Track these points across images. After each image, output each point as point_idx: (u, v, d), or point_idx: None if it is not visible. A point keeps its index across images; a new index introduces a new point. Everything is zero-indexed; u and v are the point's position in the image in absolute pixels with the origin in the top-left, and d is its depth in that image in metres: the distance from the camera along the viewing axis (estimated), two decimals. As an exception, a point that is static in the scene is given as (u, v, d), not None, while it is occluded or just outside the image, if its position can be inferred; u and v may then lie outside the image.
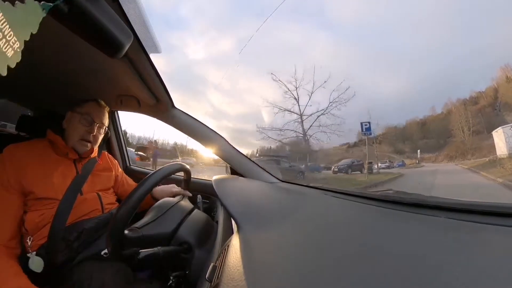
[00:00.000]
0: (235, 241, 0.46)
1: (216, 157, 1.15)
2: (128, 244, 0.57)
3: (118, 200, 1.01)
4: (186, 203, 0.89)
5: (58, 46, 0.65)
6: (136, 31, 0.56)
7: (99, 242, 0.79)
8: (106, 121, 0.97)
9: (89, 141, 0.91)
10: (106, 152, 1.09)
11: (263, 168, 1.09)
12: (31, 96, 1.10)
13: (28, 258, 0.71)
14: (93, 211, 0.86)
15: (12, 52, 0.30)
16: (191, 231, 0.73)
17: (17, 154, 0.78)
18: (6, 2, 0.29)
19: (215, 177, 0.93)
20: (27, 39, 0.32)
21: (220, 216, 0.86)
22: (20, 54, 0.31)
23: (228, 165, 1.14)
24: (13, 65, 0.31)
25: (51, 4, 0.34)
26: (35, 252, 0.73)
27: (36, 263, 0.70)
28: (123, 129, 1.55)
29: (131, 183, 1.11)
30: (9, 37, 0.30)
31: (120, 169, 1.10)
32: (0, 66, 0.29)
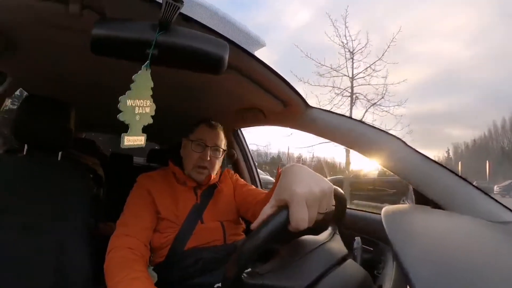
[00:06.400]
0: None
1: (389, 174, 0.99)
2: None
3: (246, 232, 1.22)
4: (337, 246, 0.85)
5: (165, 82, 0.89)
6: (228, 37, 0.67)
7: (215, 273, 1.02)
8: (222, 142, 1.21)
9: (205, 167, 1.15)
10: (228, 170, 1.34)
11: (484, 193, 0.82)
12: (155, 132, 1.47)
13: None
14: (214, 241, 1.11)
15: (149, 108, 0.57)
16: None
17: (147, 181, 1.16)
18: (127, 92, 0.53)
19: (386, 209, 0.81)
20: (152, 94, 0.57)
21: (388, 277, 0.77)
22: (153, 105, 0.58)
23: (410, 186, 0.96)
24: (153, 114, 0.58)
25: (147, 60, 0.54)
26: (152, 267, 1.05)
27: (151, 276, 0.99)
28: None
29: (258, 191, 1.26)
30: (141, 104, 0.56)
31: (240, 181, 1.32)
32: (148, 120, 0.57)
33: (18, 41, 0.91)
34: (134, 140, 0.55)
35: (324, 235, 0.86)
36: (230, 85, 0.97)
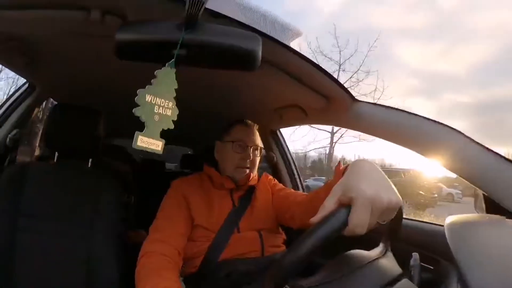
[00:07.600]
0: None
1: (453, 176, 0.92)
2: None
3: (287, 243, 1.21)
4: (389, 264, 0.81)
5: (196, 84, 0.94)
6: (261, 29, 0.66)
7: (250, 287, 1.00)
8: (260, 141, 1.25)
9: (247, 167, 1.19)
10: (266, 175, 1.35)
11: None
12: (188, 136, 1.50)
13: None
14: (251, 252, 1.11)
15: (170, 111, 0.56)
16: None
17: (182, 185, 1.20)
18: (147, 86, 0.54)
19: (450, 220, 0.76)
20: (175, 95, 0.57)
21: None
22: (176, 109, 0.57)
23: (479, 192, 0.89)
24: (175, 119, 0.57)
25: (173, 59, 0.55)
26: (182, 278, 1.05)
27: None
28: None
29: (297, 193, 1.26)
30: (162, 103, 0.55)
31: (277, 185, 1.33)
32: (169, 124, 0.56)
33: (44, 52, 0.97)
34: (149, 142, 0.55)
35: (375, 252, 0.83)
36: (266, 81, 0.97)
